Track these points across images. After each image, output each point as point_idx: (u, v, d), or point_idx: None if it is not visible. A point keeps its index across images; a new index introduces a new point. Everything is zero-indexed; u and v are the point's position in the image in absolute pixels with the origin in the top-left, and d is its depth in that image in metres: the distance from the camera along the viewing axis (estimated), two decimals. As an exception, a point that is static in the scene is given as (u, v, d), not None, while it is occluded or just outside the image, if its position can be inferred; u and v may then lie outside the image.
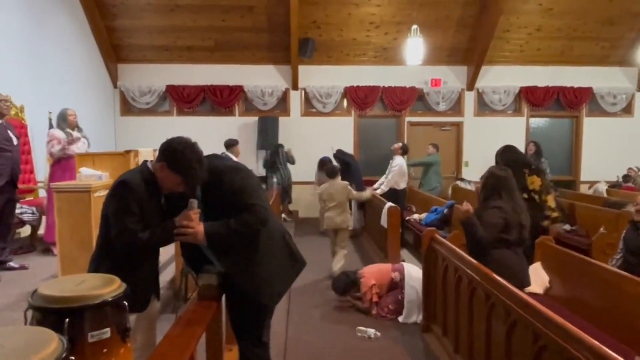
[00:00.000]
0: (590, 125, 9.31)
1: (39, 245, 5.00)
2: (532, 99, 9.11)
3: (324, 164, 7.74)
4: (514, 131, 9.07)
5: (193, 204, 2.04)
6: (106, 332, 1.43)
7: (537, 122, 9.45)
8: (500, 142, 8.47)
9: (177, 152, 1.97)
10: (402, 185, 7.26)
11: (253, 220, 2.10)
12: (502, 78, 9.07)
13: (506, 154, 3.92)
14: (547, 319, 1.90)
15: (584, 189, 9.00)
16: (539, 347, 1.96)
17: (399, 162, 7.22)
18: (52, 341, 1.11)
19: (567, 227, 5.80)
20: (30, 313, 1.43)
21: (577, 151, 9.40)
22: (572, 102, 9.14)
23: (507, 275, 2.78)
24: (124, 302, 1.53)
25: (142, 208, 1.97)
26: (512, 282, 2.85)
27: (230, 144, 7.16)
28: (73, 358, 1.16)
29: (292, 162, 8.30)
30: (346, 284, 4.22)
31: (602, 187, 8.13)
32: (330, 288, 4.39)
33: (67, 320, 1.34)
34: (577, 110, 9.24)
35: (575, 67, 9.04)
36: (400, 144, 7.43)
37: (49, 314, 1.38)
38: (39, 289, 1.47)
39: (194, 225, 2.02)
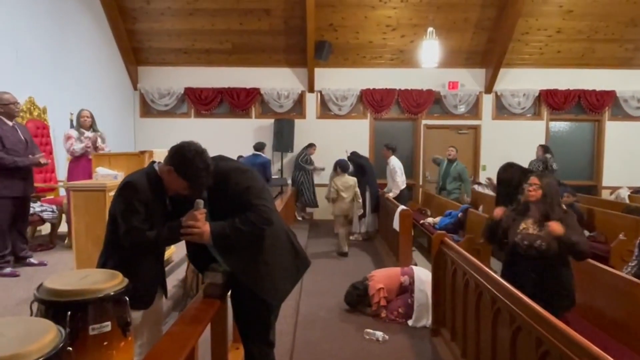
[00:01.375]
0: (613, 130, 9.08)
1: (58, 242, 5.14)
2: (552, 102, 8.94)
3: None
4: (533, 135, 8.92)
5: (199, 205, 2.08)
6: (107, 326, 1.48)
7: (558, 125, 9.27)
8: (519, 146, 8.45)
9: (186, 158, 2.00)
10: (403, 185, 7.24)
11: (258, 220, 2.12)
12: (521, 81, 8.93)
13: (509, 172, 3.81)
14: (549, 324, 1.88)
15: (605, 194, 8.78)
16: (541, 352, 1.94)
17: (396, 163, 7.22)
18: (51, 331, 1.16)
19: (586, 233, 5.67)
20: (35, 305, 1.48)
21: (599, 156, 9.17)
22: (594, 105, 8.93)
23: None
24: (126, 297, 1.57)
25: (147, 208, 2.02)
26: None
27: (262, 147, 7.56)
28: (70, 349, 1.20)
29: (306, 163, 8.44)
30: (357, 295, 4.24)
31: (624, 193, 7.94)
32: (341, 293, 4.40)
33: (68, 313, 1.39)
34: (599, 114, 9.03)
35: (598, 70, 8.83)
36: (385, 147, 7.42)
37: (52, 306, 1.44)
38: (45, 283, 1.52)
39: (200, 225, 2.05)
